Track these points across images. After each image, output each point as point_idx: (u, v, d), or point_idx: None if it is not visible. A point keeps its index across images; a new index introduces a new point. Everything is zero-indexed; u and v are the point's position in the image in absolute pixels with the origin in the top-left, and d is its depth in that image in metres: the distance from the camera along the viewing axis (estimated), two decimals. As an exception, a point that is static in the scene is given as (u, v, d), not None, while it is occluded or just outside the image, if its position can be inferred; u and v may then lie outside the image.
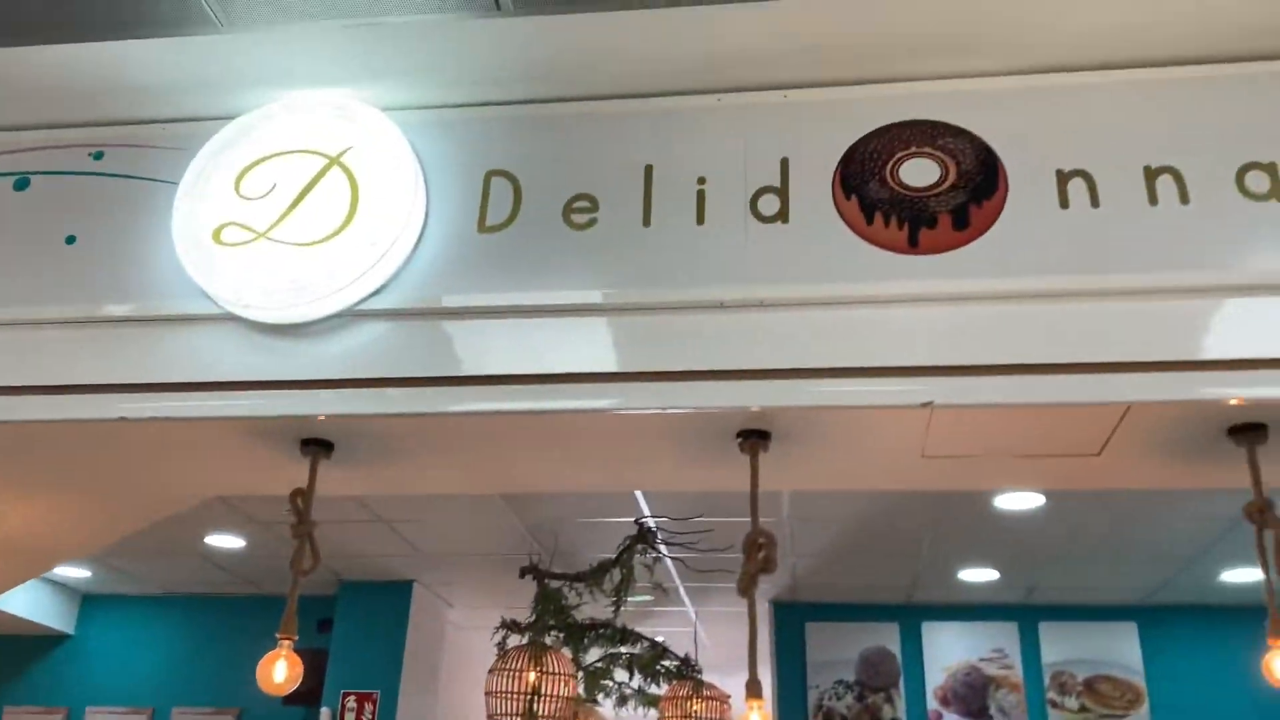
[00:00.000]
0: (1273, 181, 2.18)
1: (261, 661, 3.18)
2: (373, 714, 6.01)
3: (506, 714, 5.39)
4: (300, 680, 3.26)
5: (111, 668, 6.74)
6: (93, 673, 6.75)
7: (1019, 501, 4.61)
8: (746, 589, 3.16)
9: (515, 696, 5.40)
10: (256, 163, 2.57)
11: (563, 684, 5.57)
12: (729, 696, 5.97)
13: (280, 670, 3.20)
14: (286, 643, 3.23)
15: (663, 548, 5.17)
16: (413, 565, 6.07)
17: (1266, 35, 2.30)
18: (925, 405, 2.09)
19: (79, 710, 6.66)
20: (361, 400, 2.58)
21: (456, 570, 6.18)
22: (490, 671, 5.50)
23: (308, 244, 2.46)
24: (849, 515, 5.02)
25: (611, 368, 2.47)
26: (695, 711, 6.13)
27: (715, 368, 2.33)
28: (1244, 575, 5.49)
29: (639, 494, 4.76)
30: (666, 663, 6.35)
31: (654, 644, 6.35)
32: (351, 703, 6.05)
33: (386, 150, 2.49)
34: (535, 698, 5.49)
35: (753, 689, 3.07)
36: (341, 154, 2.56)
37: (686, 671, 6.22)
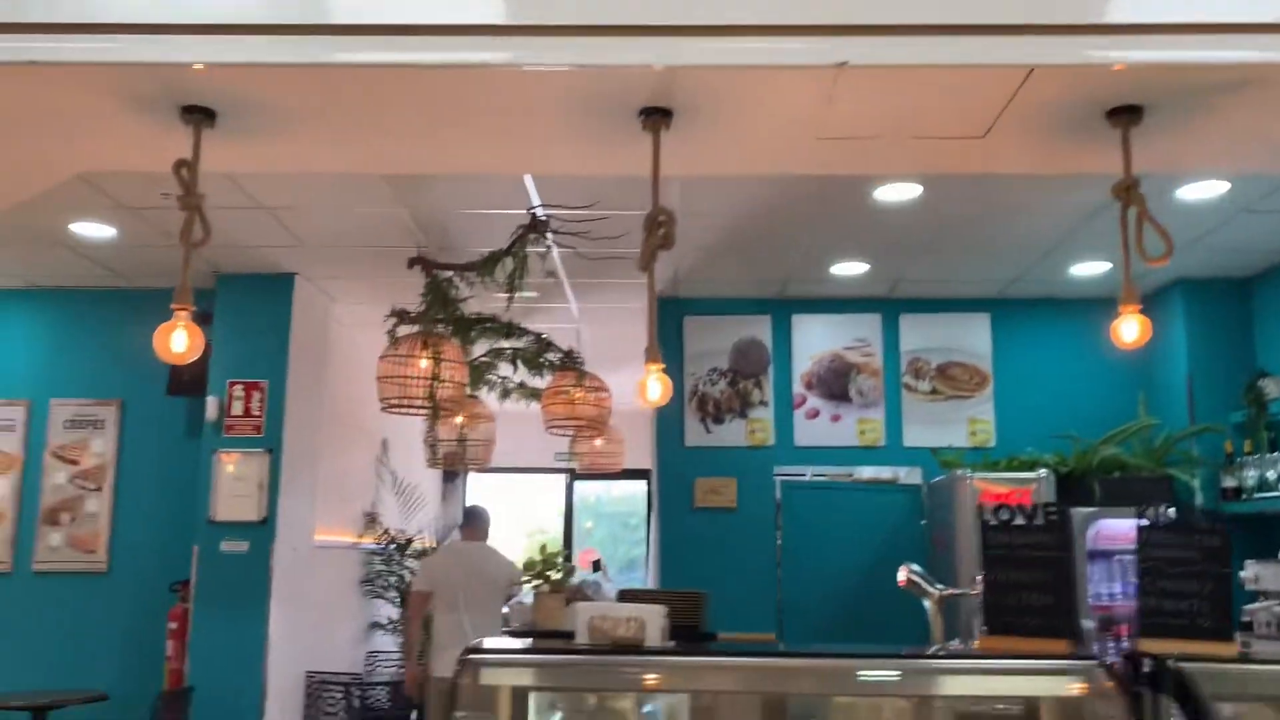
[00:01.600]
0: None
1: (158, 331, 3.18)
2: (261, 403, 6.11)
3: (401, 399, 5.58)
4: (201, 350, 3.29)
5: (-20, 361, 6.60)
6: (-39, 366, 6.59)
7: (897, 193, 4.78)
8: (647, 264, 3.27)
9: (412, 382, 5.57)
10: None
11: (457, 371, 5.76)
12: (608, 389, 6.29)
13: (180, 339, 3.22)
14: (183, 313, 3.23)
15: (552, 239, 5.23)
16: (295, 257, 5.98)
17: None
18: (840, 65, 2.11)
19: (-49, 403, 6.55)
20: (240, 49, 2.45)
21: (340, 263, 6.12)
22: (382, 358, 5.63)
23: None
24: (734, 210, 5.13)
25: (503, 19, 2.39)
26: (577, 399, 6.46)
27: (617, 23, 2.26)
28: (1091, 268, 5.92)
29: (530, 183, 4.73)
30: (550, 356, 6.61)
31: (539, 338, 6.56)
32: (239, 391, 6.12)
33: None
34: (435, 383, 5.67)
35: (651, 354, 3.24)
36: None
37: (570, 363, 6.49)
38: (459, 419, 7.81)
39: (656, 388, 3.19)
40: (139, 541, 6.37)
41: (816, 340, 6.65)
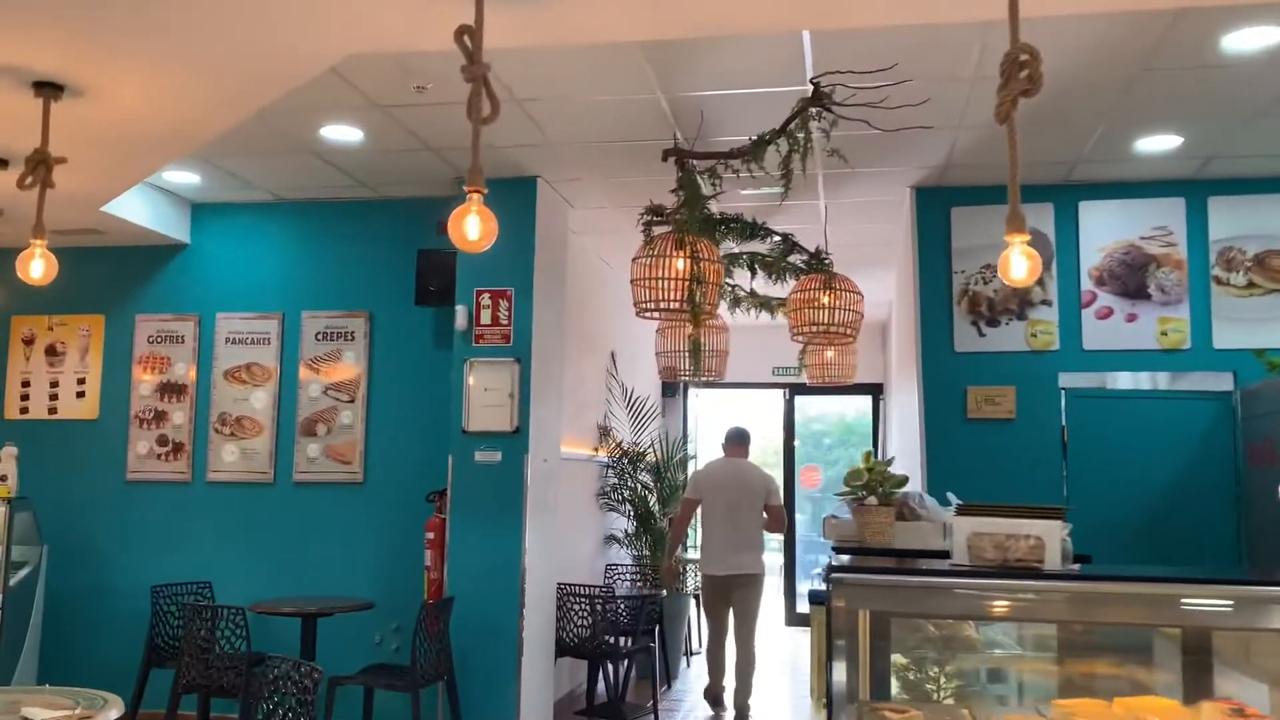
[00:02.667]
0: None
1: (452, 217, 2.90)
2: (508, 311, 5.92)
3: (658, 301, 5.23)
4: (495, 236, 3.00)
5: (234, 275, 6.68)
6: (217, 280, 6.70)
7: (1255, 40, 4.00)
8: (1006, 115, 2.72)
9: (671, 283, 5.21)
10: None
11: (716, 272, 5.35)
12: (861, 292, 5.77)
13: (473, 225, 2.93)
14: (476, 196, 2.93)
15: (826, 121, 4.69)
16: (537, 158, 5.69)
17: None
18: None
19: (209, 317, 6.68)
20: None
21: (583, 163, 5.80)
22: (635, 260, 5.28)
23: None
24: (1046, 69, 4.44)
25: None
26: (825, 304, 5.96)
27: None
28: None
29: (807, 47, 4.19)
30: (796, 258, 6.12)
31: (785, 239, 6.07)
32: (486, 300, 5.94)
33: None
34: (694, 285, 5.29)
35: (1015, 222, 2.70)
36: None
37: (817, 265, 5.98)
38: (691, 329, 7.49)
39: (1022, 264, 2.66)
40: (393, 452, 6.36)
41: (1108, 230, 5.88)
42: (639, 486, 8.58)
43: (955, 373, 5.96)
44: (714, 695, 6.97)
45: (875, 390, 11.67)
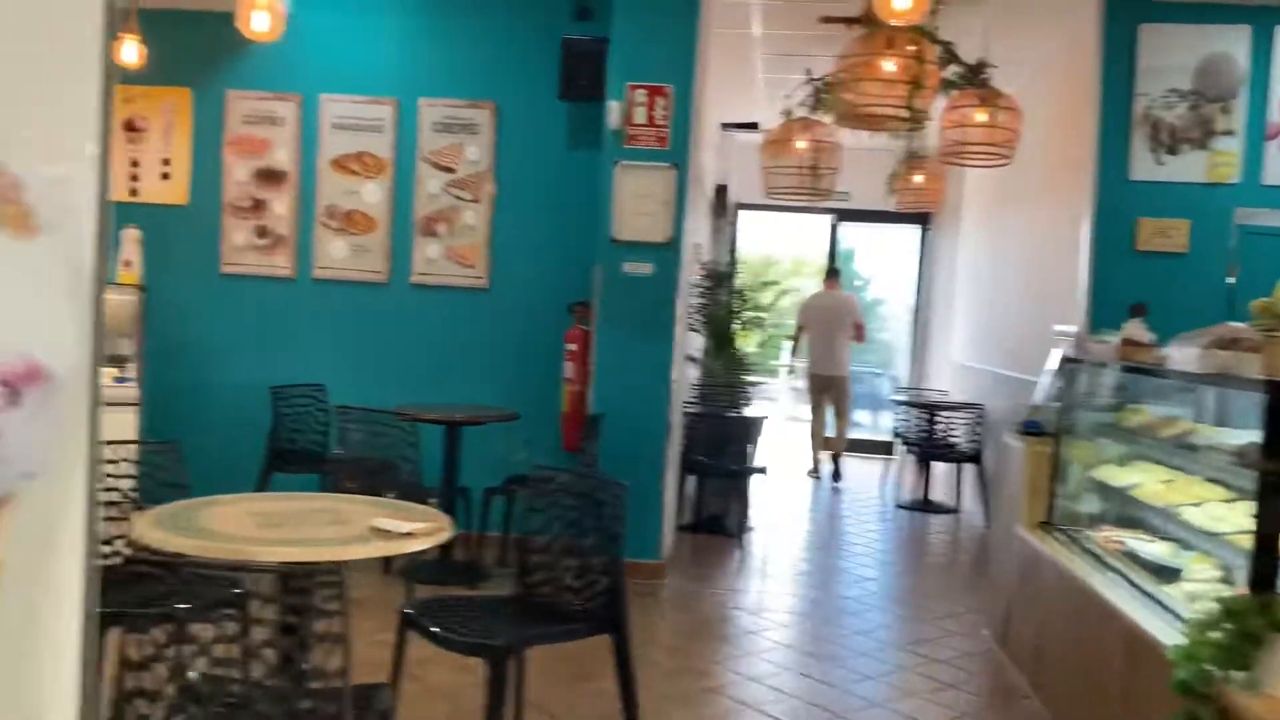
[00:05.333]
0: None
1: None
2: (666, 110, 5.45)
3: (877, 103, 4.85)
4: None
5: (342, 52, 6.04)
6: (322, 57, 6.05)
7: None
8: None
9: (897, 84, 4.82)
10: None
11: (933, 76, 4.96)
12: (1019, 109, 5.44)
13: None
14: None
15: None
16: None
17: None
18: None
19: (312, 98, 6.08)
20: None
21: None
22: (845, 60, 4.86)
23: None
24: None
25: None
26: (984, 121, 5.68)
27: None
28: None
29: None
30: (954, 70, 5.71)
31: (946, 47, 5.64)
32: (640, 96, 5.45)
33: None
34: (912, 89, 4.90)
35: None
36: None
37: (975, 79, 5.61)
38: (801, 144, 7.09)
39: None
40: (522, 258, 5.97)
41: (1307, 61, 5.55)
42: (722, 307, 8.32)
43: (1129, 201, 5.70)
44: (813, 469, 9.48)
45: (923, 220, 11.42)
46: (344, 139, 6.04)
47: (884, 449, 10.80)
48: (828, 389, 9.35)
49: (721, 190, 10.30)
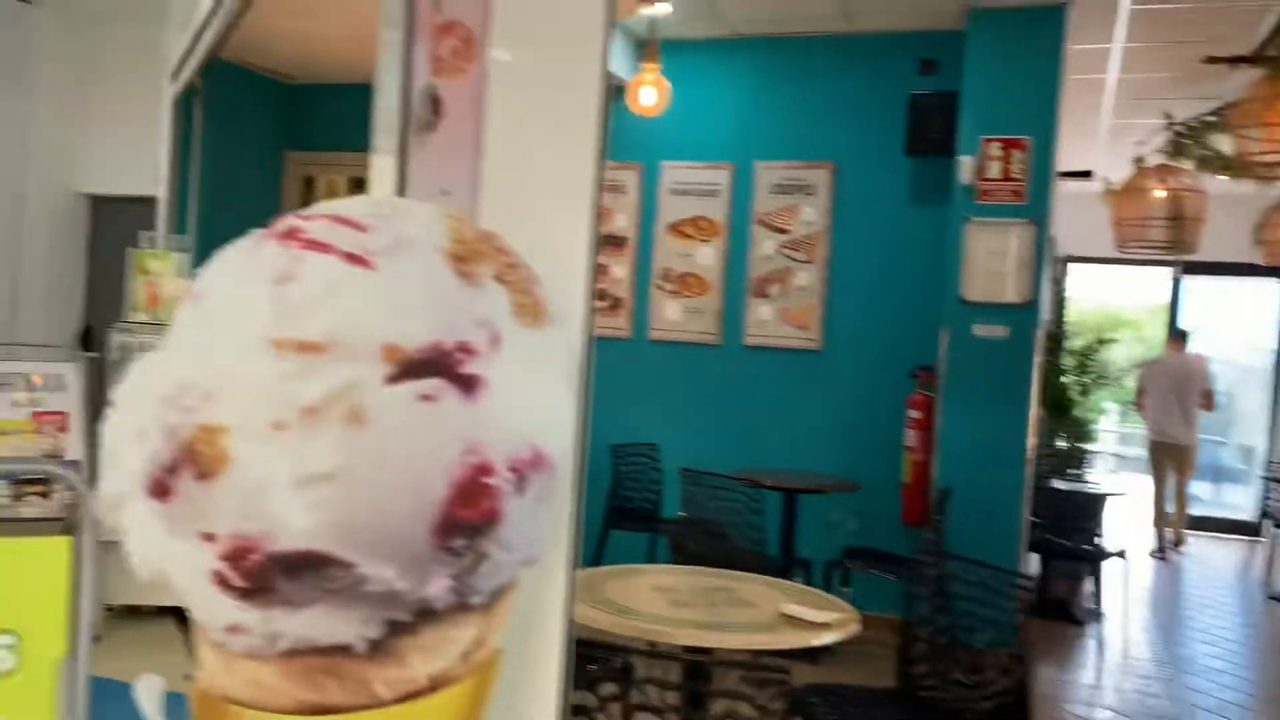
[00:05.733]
0: None
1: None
2: (1023, 163, 5.13)
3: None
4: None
5: (683, 120, 6.16)
6: (663, 125, 6.19)
7: None
8: None
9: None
10: None
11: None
12: None
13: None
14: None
15: None
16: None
17: None
18: None
19: (652, 165, 6.23)
20: None
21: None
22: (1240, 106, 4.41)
23: None
24: None
25: None
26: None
27: None
28: None
29: None
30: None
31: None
32: (995, 150, 5.17)
33: None
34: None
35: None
36: None
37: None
38: (1161, 192, 6.51)
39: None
40: (858, 320, 5.80)
41: None
42: (1057, 370, 7.76)
43: None
44: (1158, 549, 8.54)
45: (1280, 274, 10.20)
46: (681, 204, 6.14)
47: (1239, 529, 9.65)
48: (1170, 458, 8.60)
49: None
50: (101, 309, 7.68)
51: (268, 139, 7.19)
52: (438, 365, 0.46)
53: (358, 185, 7.06)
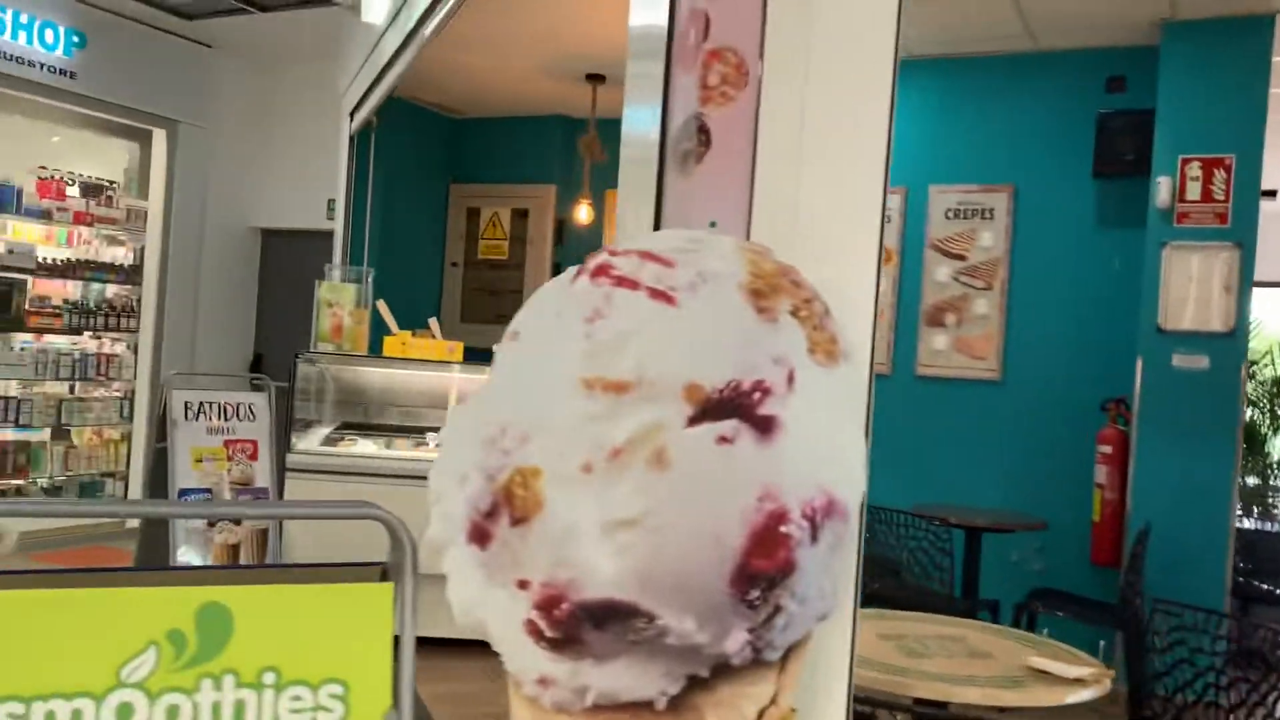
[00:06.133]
0: None
1: None
2: (1225, 184, 4.83)
3: None
4: None
5: (850, 146, 6.03)
6: (830, 152, 6.08)
7: None
8: None
9: None
10: None
11: None
12: None
13: None
14: None
15: None
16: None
17: None
18: None
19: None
20: None
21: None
22: None
23: None
24: None
25: None
26: None
27: None
28: None
29: None
30: None
31: None
32: (1195, 170, 4.88)
33: None
34: None
35: None
36: None
37: None
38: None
39: None
40: (1041, 349, 5.53)
41: None
42: (1245, 401, 7.28)
43: None
44: None
45: None
46: (849, 229, 5.99)
47: None
48: None
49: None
50: (270, 337, 7.97)
51: (435, 172, 7.36)
52: (736, 406, 0.44)
53: (521, 216, 7.15)
